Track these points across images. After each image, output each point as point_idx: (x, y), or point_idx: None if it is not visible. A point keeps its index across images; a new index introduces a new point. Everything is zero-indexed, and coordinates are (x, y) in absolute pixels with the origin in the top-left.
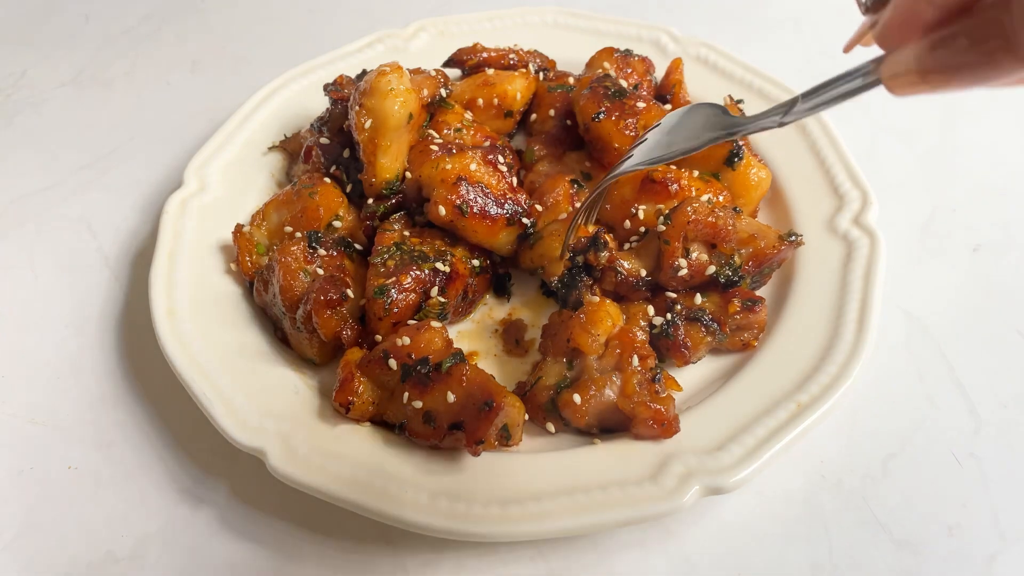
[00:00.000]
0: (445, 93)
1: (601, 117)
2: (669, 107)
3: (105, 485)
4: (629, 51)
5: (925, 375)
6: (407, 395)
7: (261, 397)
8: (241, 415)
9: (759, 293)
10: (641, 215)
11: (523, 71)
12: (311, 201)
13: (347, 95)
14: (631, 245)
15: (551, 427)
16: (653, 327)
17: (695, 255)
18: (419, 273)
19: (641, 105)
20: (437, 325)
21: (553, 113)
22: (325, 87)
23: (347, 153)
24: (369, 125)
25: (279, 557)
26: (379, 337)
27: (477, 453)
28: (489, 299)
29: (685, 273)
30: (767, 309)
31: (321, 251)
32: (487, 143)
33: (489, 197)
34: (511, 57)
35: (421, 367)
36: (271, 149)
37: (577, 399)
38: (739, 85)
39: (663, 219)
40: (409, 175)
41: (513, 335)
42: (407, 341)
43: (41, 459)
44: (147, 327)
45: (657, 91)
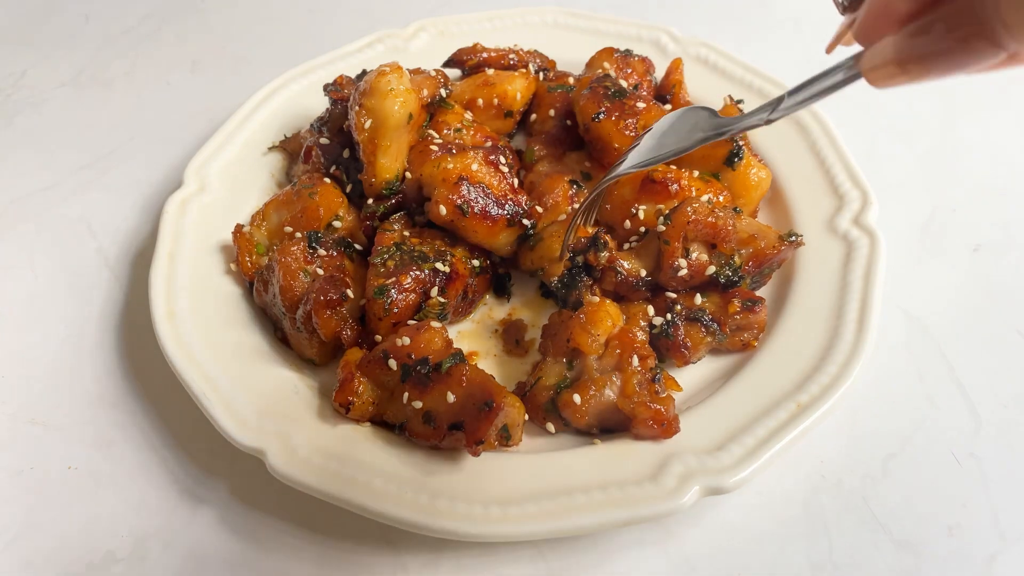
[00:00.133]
0: (445, 93)
1: (601, 117)
2: (669, 107)
3: (105, 485)
4: (629, 51)
5: (925, 375)
6: (407, 395)
7: (261, 397)
8: (241, 415)
9: (759, 293)
10: (641, 215)
11: (523, 71)
12: (311, 201)
13: (347, 95)
14: (631, 245)
15: (551, 427)
16: (653, 327)
17: (695, 255)
18: (419, 273)
19: (641, 105)
20: (437, 325)
21: (553, 113)
22: (325, 87)
23: (347, 153)
24: (369, 125)
25: (279, 557)
26: (379, 337)
27: (477, 453)
28: (489, 299)
29: (685, 273)
30: (767, 309)
31: (321, 251)
32: (487, 143)
33: (490, 197)
34: (511, 57)
35: (421, 367)
36: (271, 149)
37: (577, 399)
38: (739, 85)
39: (663, 219)
40: (409, 175)
41: (513, 335)
42: (407, 341)
43: (41, 459)
44: (147, 327)
45: (657, 91)
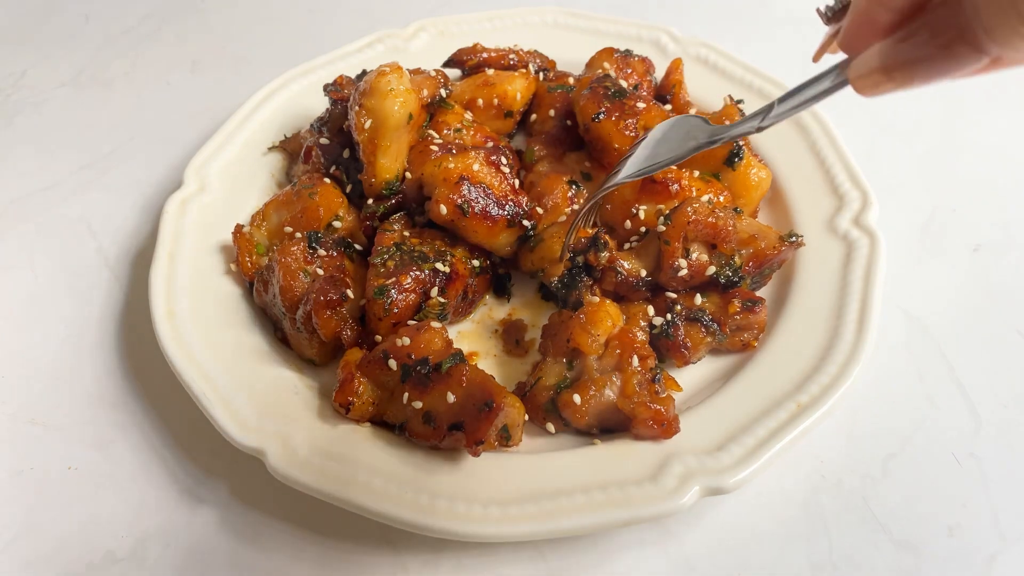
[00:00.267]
0: (445, 93)
1: (601, 117)
2: (669, 107)
3: (105, 485)
4: (629, 51)
5: (925, 375)
6: (407, 395)
7: (261, 397)
8: (241, 415)
9: (759, 293)
10: (641, 215)
11: (523, 71)
12: (311, 201)
13: (347, 95)
14: (631, 245)
15: (551, 427)
16: (653, 327)
17: (695, 255)
18: (419, 273)
19: (641, 105)
20: (437, 325)
21: (553, 113)
22: (325, 87)
23: (347, 153)
24: (369, 125)
25: (279, 557)
26: (379, 337)
27: (477, 453)
28: (489, 299)
29: (685, 273)
30: (767, 309)
31: (321, 251)
32: (488, 143)
33: (491, 198)
34: (511, 57)
35: (421, 367)
36: (271, 149)
37: (577, 399)
38: (739, 85)
39: (663, 219)
40: (409, 175)
41: (513, 335)
42: (407, 341)
43: (41, 459)
44: (147, 327)
45: (657, 91)
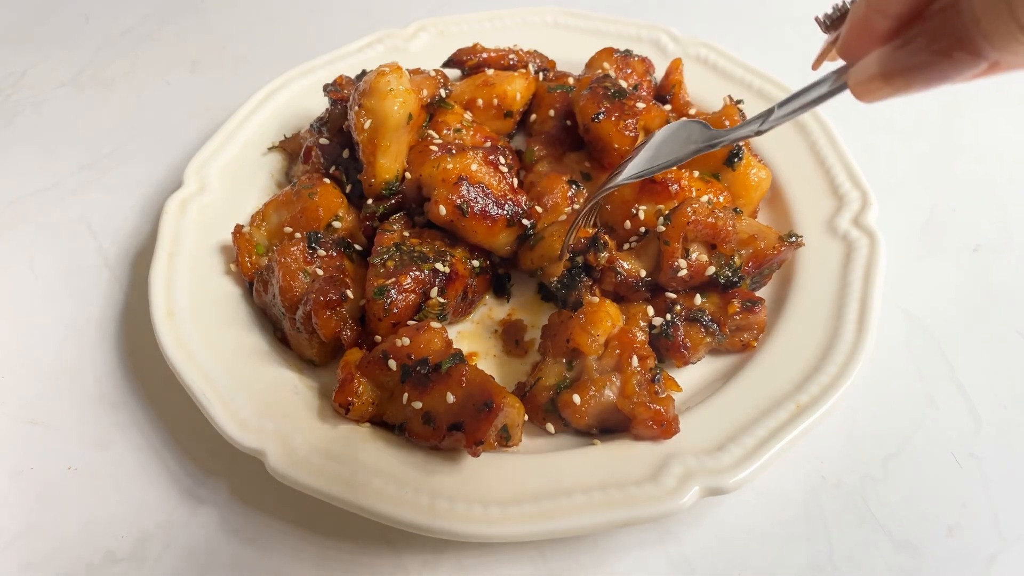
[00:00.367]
0: (445, 93)
1: (601, 118)
2: (669, 107)
3: (105, 485)
4: (629, 51)
5: (925, 375)
6: (407, 396)
7: (261, 398)
8: (241, 416)
9: (759, 293)
10: (641, 215)
11: (523, 71)
12: (311, 201)
13: (347, 95)
14: (631, 245)
15: (551, 427)
16: (653, 328)
17: (695, 256)
18: (419, 274)
19: (641, 105)
20: (437, 326)
21: (553, 113)
22: (325, 87)
23: (347, 153)
24: (368, 125)
25: (279, 557)
26: (379, 338)
27: (477, 454)
28: (489, 300)
29: (685, 274)
30: (767, 310)
31: (321, 252)
32: (487, 143)
33: (490, 197)
34: (511, 57)
35: (421, 368)
36: (271, 149)
37: (577, 399)
38: (739, 85)
39: (663, 219)
40: (409, 175)
41: (513, 336)
42: (407, 342)
43: (41, 459)
44: (147, 328)
45: (657, 91)
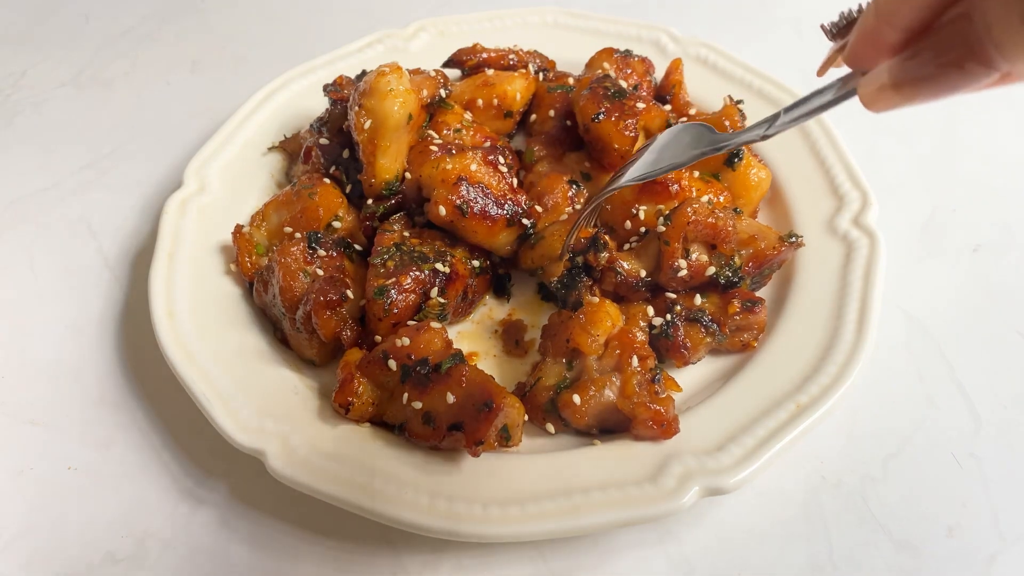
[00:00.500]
0: (445, 93)
1: (601, 118)
2: (669, 107)
3: (105, 485)
4: (629, 51)
5: (925, 375)
6: (407, 396)
7: (261, 398)
8: (241, 416)
9: (759, 294)
10: (641, 216)
11: (523, 71)
12: (311, 202)
13: (347, 95)
14: (631, 246)
15: (551, 428)
16: (653, 328)
17: (695, 256)
18: (419, 274)
19: (641, 106)
20: (437, 326)
21: (553, 113)
22: (325, 87)
23: (347, 153)
24: (368, 125)
25: (279, 557)
26: (379, 338)
27: (477, 454)
28: (489, 300)
29: (685, 274)
30: (767, 310)
31: (321, 252)
32: (487, 143)
33: (489, 197)
34: (511, 57)
35: (421, 368)
36: (271, 149)
37: (577, 400)
38: (739, 85)
39: (663, 220)
40: (409, 175)
41: (513, 336)
42: (407, 342)
43: (41, 459)
44: (147, 328)
45: (657, 91)
